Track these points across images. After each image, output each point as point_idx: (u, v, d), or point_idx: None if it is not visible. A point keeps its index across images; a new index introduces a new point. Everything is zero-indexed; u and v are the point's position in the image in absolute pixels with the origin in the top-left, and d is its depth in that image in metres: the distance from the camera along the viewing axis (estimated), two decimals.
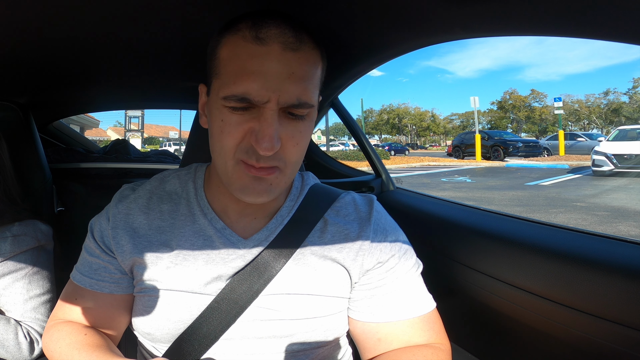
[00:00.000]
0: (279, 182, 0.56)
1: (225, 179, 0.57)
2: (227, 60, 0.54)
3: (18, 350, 0.83)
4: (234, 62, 0.53)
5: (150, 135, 40.01)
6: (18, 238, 0.91)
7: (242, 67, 0.52)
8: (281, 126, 0.53)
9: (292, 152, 0.55)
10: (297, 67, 0.52)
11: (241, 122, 0.53)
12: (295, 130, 0.55)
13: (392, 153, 27.10)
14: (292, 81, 0.52)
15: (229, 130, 0.53)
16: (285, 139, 0.54)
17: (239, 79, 0.51)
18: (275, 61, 0.51)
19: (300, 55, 0.53)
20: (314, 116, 0.58)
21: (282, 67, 0.51)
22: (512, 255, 0.71)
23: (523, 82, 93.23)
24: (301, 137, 0.56)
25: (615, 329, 0.55)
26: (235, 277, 0.60)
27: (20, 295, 0.88)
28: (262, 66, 0.51)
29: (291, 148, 0.55)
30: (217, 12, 0.68)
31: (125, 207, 0.64)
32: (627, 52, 79.03)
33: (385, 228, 0.66)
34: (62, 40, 0.80)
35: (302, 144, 0.56)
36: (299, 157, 0.57)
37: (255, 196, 0.55)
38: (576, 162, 13.85)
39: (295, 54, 0.53)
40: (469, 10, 0.57)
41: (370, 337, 0.63)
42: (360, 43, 0.79)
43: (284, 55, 0.52)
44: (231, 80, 0.52)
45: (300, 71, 0.53)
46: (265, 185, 0.55)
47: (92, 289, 0.63)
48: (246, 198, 0.56)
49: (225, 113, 0.54)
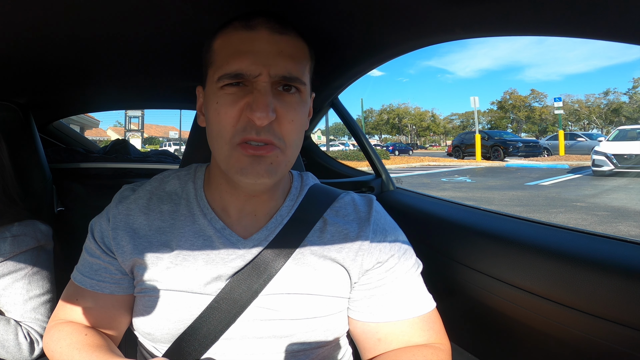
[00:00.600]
0: (280, 162, 0.56)
1: (224, 165, 0.57)
2: (220, 48, 0.58)
3: (18, 350, 0.83)
4: (226, 48, 0.57)
5: (150, 135, 39.99)
6: (18, 238, 0.91)
7: (234, 49, 0.56)
8: (275, 99, 0.55)
9: (289, 129, 0.56)
10: (285, 46, 0.57)
11: (236, 100, 0.55)
12: (289, 105, 0.56)
13: (396, 153, 27.38)
14: (282, 57, 0.56)
15: (225, 110, 0.55)
16: (280, 114, 0.55)
17: (232, 59, 0.55)
18: (265, 42, 0.56)
19: (288, 38, 0.58)
20: (307, 97, 0.60)
21: (271, 46, 0.56)
22: (512, 255, 0.71)
23: (523, 82, 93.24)
24: (295, 113, 0.57)
25: (615, 329, 0.55)
26: (235, 277, 0.60)
27: (20, 295, 0.88)
28: (252, 46, 0.55)
29: (287, 124, 0.56)
30: (216, 13, 0.68)
31: (125, 207, 0.64)
32: (627, 52, 79.06)
33: (384, 228, 0.66)
34: (62, 41, 0.80)
35: (298, 122, 0.57)
36: (296, 137, 0.58)
37: (255, 176, 0.55)
38: (576, 162, 13.85)
39: (283, 36, 0.57)
40: (469, 10, 0.57)
41: (370, 337, 0.63)
42: (360, 43, 0.79)
43: (272, 37, 0.56)
44: (224, 62, 0.56)
45: (288, 49, 0.57)
46: (265, 165, 0.55)
47: (92, 290, 0.63)
48: (246, 179, 0.55)
49: (220, 95, 0.56)
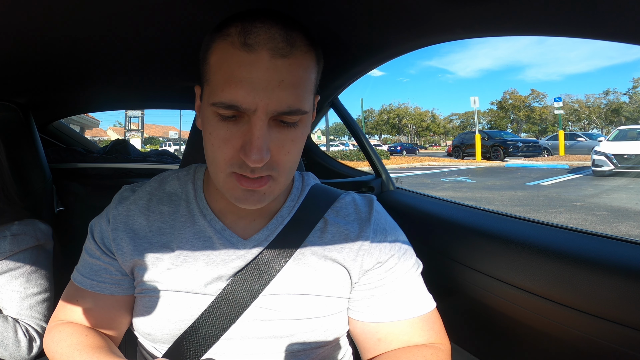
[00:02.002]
0: (272, 190, 0.56)
1: (219, 188, 0.57)
2: (216, 67, 0.52)
3: (17, 348, 0.83)
4: (223, 70, 0.51)
5: (150, 135, 40.02)
6: (17, 237, 0.91)
7: (231, 75, 0.50)
8: (271, 135, 0.51)
9: (284, 160, 0.54)
10: (287, 74, 0.50)
11: (229, 137, 0.52)
12: (287, 139, 0.53)
13: (403, 153, 27.74)
14: (282, 89, 0.50)
15: (218, 145, 0.53)
16: (276, 149, 0.53)
17: (227, 87, 0.50)
18: (264, 69, 0.49)
19: (291, 61, 0.51)
20: (307, 122, 0.56)
21: (271, 75, 0.49)
22: (512, 255, 0.71)
23: (524, 82, 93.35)
24: (292, 145, 0.54)
25: (615, 329, 0.55)
26: (235, 277, 0.60)
27: (17, 293, 0.88)
28: (250, 74, 0.49)
29: (282, 157, 0.54)
30: (217, 12, 0.68)
31: (125, 208, 0.64)
32: (628, 52, 79.11)
33: (384, 228, 0.66)
34: (63, 40, 0.80)
35: (294, 152, 0.55)
36: (292, 164, 0.56)
37: (250, 205, 0.56)
38: (576, 162, 13.85)
39: (286, 60, 0.50)
40: (469, 10, 0.57)
41: (370, 337, 0.63)
42: (360, 43, 0.79)
43: (273, 63, 0.49)
44: (219, 88, 0.51)
45: (290, 78, 0.50)
46: (259, 196, 0.55)
47: (93, 291, 0.63)
48: (241, 206, 0.56)
49: (214, 123, 0.52)
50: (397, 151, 27.99)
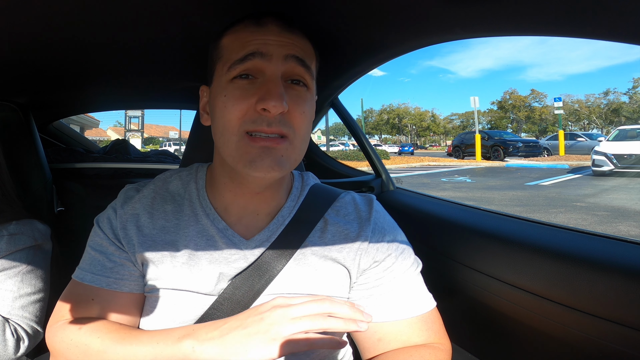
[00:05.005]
0: (290, 155, 0.56)
1: (232, 159, 0.56)
2: (229, 43, 0.59)
3: (4, 347, 0.83)
4: (236, 41, 0.58)
5: (150, 135, 40.02)
6: (14, 237, 0.91)
7: (245, 41, 0.57)
8: (286, 92, 0.55)
9: (300, 120, 0.57)
10: (295, 41, 0.58)
11: (244, 94, 0.55)
12: (300, 97, 0.57)
13: (413, 152, 27.93)
14: (293, 45, 0.58)
15: (232, 103, 0.55)
16: (292, 105, 0.56)
17: (242, 47, 0.56)
18: (275, 35, 0.57)
19: (296, 37, 0.59)
20: (314, 94, 0.61)
21: (281, 39, 0.57)
22: (512, 255, 0.71)
23: (525, 82, 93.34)
24: (305, 105, 0.58)
25: (615, 329, 0.55)
26: (237, 278, 0.60)
27: (10, 292, 0.87)
28: (263, 37, 0.57)
29: (298, 116, 0.56)
30: (217, 13, 0.68)
31: (130, 207, 0.64)
32: (629, 52, 79.15)
33: (383, 227, 0.66)
34: (63, 41, 0.80)
35: (308, 114, 0.58)
36: (306, 128, 0.58)
37: (265, 170, 0.54)
38: (576, 162, 13.84)
39: (292, 34, 0.59)
40: (469, 10, 0.57)
41: (369, 337, 0.63)
42: (360, 43, 0.79)
43: (282, 34, 0.57)
44: (234, 52, 0.57)
45: (297, 42, 0.59)
46: (276, 157, 0.54)
47: (109, 289, 0.60)
48: (255, 172, 0.54)
49: (229, 89, 0.56)
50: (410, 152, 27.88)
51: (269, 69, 0.55)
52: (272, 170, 0.54)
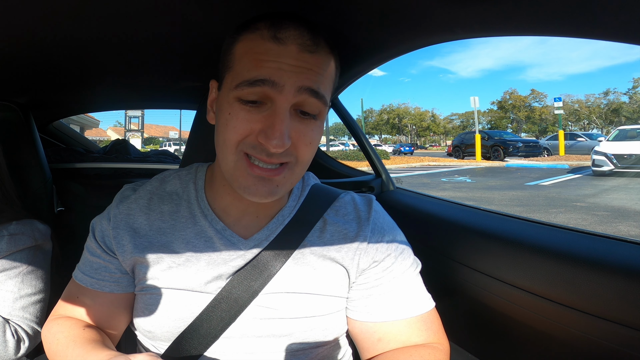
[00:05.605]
0: (286, 182, 0.56)
1: (228, 176, 0.57)
2: (242, 54, 0.54)
3: (4, 348, 0.83)
4: (249, 55, 0.53)
5: (150, 135, 40.02)
6: (15, 237, 0.91)
7: (258, 59, 0.52)
8: (292, 124, 0.52)
9: (304, 150, 0.55)
10: (313, 65, 0.53)
11: (249, 119, 0.52)
12: (307, 128, 0.54)
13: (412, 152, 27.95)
14: (309, 73, 0.52)
15: (234, 124, 0.53)
16: (297, 137, 0.53)
17: (254, 68, 0.51)
18: (293, 59, 0.52)
19: (317, 57, 0.53)
20: (324, 117, 0.57)
21: (299, 63, 0.52)
22: (512, 255, 0.71)
23: (525, 82, 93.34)
24: (313, 136, 0.55)
25: (615, 329, 0.55)
26: (235, 276, 0.60)
27: (10, 293, 0.87)
28: (278, 58, 0.51)
29: (303, 147, 0.54)
30: (219, 14, 0.68)
31: (126, 207, 0.64)
32: (630, 52, 79.12)
33: (382, 227, 0.66)
34: (63, 41, 0.80)
35: (315, 144, 0.56)
36: (310, 156, 0.57)
37: (260, 197, 0.55)
38: (576, 162, 13.84)
39: (313, 56, 0.53)
40: (469, 10, 0.57)
41: (368, 337, 0.63)
42: (360, 43, 0.79)
43: (301, 55, 0.52)
44: (245, 69, 0.52)
45: (317, 69, 0.53)
46: (271, 187, 0.54)
47: (92, 288, 0.64)
48: (250, 198, 0.55)
49: (234, 106, 0.53)
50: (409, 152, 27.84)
51: (278, 99, 0.51)
52: (265, 198, 0.55)
